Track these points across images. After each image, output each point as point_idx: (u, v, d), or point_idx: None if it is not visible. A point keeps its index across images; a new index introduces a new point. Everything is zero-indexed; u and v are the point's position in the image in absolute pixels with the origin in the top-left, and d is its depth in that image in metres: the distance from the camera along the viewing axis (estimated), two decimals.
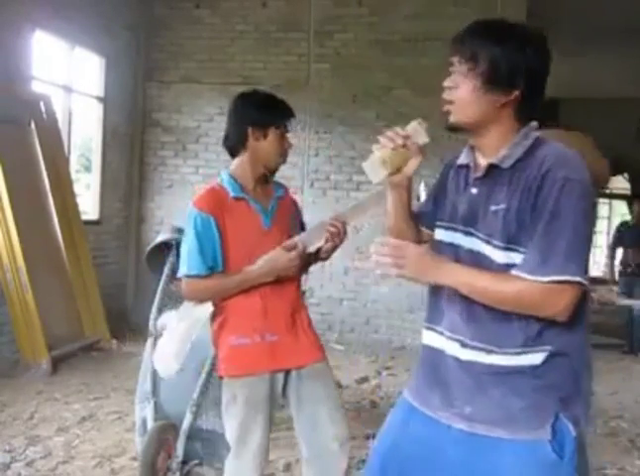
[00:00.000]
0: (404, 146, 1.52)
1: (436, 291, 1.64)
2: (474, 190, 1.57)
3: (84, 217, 6.54)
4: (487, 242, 1.52)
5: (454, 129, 1.55)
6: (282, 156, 2.45)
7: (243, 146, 2.40)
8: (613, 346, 7.15)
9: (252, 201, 2.39)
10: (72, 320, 5.90)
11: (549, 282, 1.41)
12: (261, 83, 7.08)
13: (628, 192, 13.81)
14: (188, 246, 2.30)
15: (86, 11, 6.43)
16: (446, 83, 1.54)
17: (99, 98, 6.97)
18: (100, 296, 6.16)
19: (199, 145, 7.35)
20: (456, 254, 1.58)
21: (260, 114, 2.38)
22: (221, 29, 7.26)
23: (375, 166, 1.54)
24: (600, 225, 17.98)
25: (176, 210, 7.29)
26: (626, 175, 13.38)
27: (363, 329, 7.01)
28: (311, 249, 2.39)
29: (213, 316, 2.38)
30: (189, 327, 2.40)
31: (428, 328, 1.67)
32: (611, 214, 18.55)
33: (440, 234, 1.66)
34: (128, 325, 6.80)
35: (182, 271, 2.32)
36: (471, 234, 1.56)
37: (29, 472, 3.40)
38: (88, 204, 7.15)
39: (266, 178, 2.48)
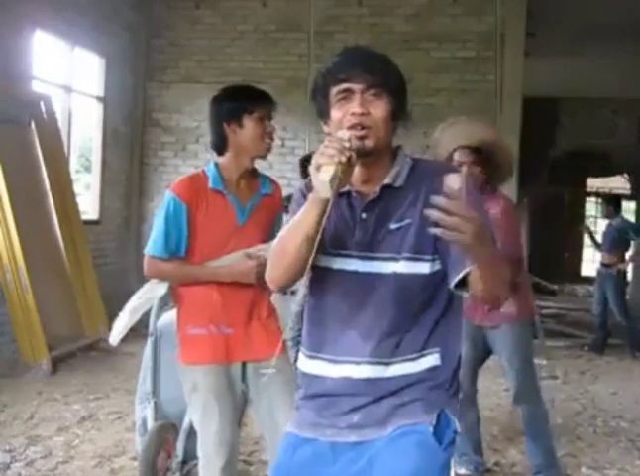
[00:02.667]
0: (349, 159, 1.45)
1: (323, 314, 1.62)
2: (363, 215, 1.58)
3: (84, 217, 6.54)
4: (394, 259, 1.54)
5: (367, 153, 1.53)
6: (265, 140, 2.43)
7: (225, 144, 2.43)
8: (613, 346, 7.14)
9: (229, 196, 2.41)
10: (72, 320, 5.90)
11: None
12: (261, 83, 7.09)
13: (628, 192, 13.82)
14: (157, 227, 2.38)
15: (86, 11, 6.43)
16: (356, 109, 1.51)
17: (99, 98, 6.97)
18: (100, 296, 6.16)
19: (199, 145, 7.35)
20: (348, 279, 1.58)
21: (228, 106, 2.40)
22: (221, 29, 7.26)
23: (333, 180, 1.43)
24: (601, 225, 18.00)
25: None
26: (626, 175, 13.39)
27: None
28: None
29: (176, 303, 2.49)
30: (142, 303, 2.54)
31: (313, 357, 1.64)
32: None
33: (326, 261, 1.61)
34: None
35: (146, 248, 2.42)
36: (369, 258, 1.57)
37: (29, 472, 3.40)
38: (88, 204, 7.15)
39: (253, 171, 2.50)
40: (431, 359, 1.58)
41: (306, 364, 1.66)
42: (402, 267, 1.54)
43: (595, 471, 3.72)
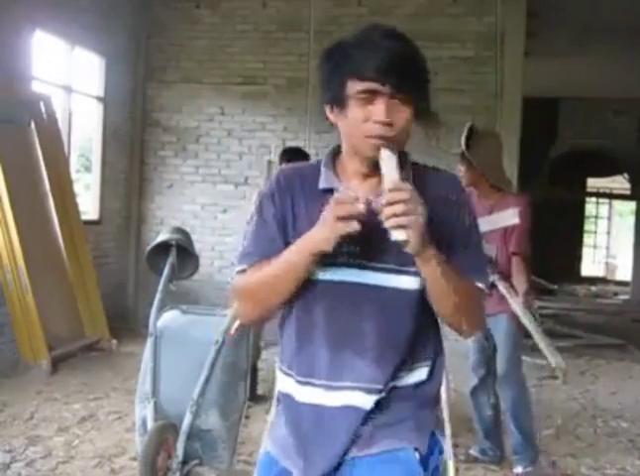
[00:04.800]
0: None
1: (312, 330, 1.44)
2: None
3: (84, 217, 6.54)
4: (400, 272, 1.39)
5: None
6: None
7: None
8: (613, 346, 7.15)
9: None
10: (72, 320, 5.90)
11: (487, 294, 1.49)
12: (261, 83, 7.10)
13: (628, 192, 13.83)
14: None
15: (86, 11, 6.43)
16: (382, 118, 1.32)
17: (99, 98, 6.97)
18: (100, 296, 6.16)
19: (199, 145, 7.34)
20: (341, 291, 1.41)
21: None
22: (221, 29, 7.25)
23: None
24: (601, 226, 17.98)
25: (177, 210, 7.30)
26: (626, 175, 13.39)
27: None
28: None
29: None
30: None
31: (304, 384, 1.45)
32: (611, 214, 18.54)
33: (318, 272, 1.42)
34: (128, 325, 6.80)
35: None
36: (366, 267, 1.40)
37: (29, 472, 3.40)
38: (88, 204, 7.15)
39: None
40: (420, 373, 1.45)
41: (295, 390, 1.47)
42: (405, 280, 1.39)
43: (595, 471, 3.73)
